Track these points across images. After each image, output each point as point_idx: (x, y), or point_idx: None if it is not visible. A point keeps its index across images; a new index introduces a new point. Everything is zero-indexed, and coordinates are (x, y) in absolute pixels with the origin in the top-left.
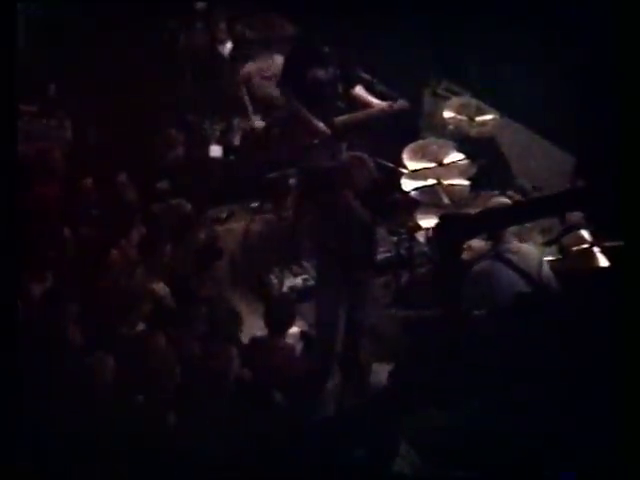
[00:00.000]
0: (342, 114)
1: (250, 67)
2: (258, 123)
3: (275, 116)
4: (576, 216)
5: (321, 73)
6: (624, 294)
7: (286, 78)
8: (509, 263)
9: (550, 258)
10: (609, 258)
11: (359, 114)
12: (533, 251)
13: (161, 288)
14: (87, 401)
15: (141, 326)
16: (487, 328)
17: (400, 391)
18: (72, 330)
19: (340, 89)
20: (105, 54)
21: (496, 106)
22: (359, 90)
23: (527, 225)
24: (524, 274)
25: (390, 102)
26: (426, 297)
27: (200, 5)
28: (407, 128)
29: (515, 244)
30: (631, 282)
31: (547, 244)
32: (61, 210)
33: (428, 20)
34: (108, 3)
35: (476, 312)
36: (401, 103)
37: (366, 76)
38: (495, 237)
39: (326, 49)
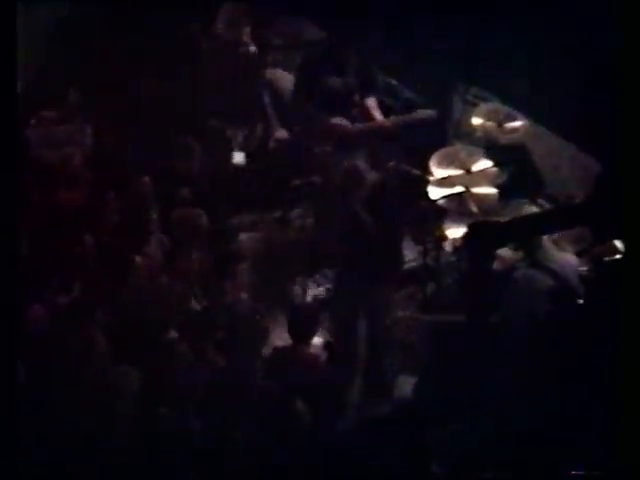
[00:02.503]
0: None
1: (274, 73)
2: (280, 133)
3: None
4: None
5: (337, 82)
6: None
7: (300, 86)
8: (549, 271)
9: (584, 268)
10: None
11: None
12: (571, 260)
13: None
14: (109, 414)
15: (172, 334)
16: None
17: (425, 405)
18: (98, 340)
19: (358, 98)
20: (125, 59)
21: (526, 112)
22: (370, 102)
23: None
24: (563, 283)
25: (384, 120)
26: (452, 308)
27: (225, 9)
28: (435, 134)
29: (554, 252)
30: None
31: (579, 254)
32: (83, 217)
33: (458, 25)
34: (128, 6)
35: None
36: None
37: (393, 81)
38: (532, 245)
39: (344, 56)
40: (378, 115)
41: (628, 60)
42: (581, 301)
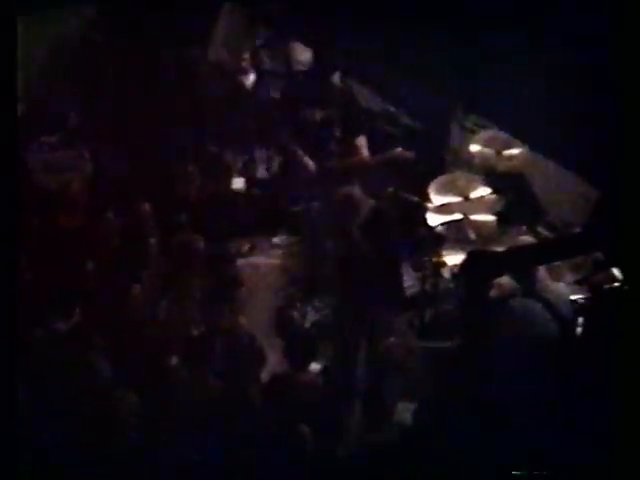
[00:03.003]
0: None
1: None
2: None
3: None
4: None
5: (317, 114)
6: None
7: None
8: (544, 302)
9: (580, 296)
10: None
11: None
12: (565, 291)
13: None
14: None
15: (173, 360)
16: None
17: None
18: (97, 365)
19: (338, 133)
20: (124, 84)
21: (524, 140)
22: (360, 141)
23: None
24: (557, 314)
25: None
26: (450, 334)
27: (222, 33)
28: (433, 162)
29: (549, 283)
30: None
31: (578, 282)
32: (83, 242)
33: (456, 52)
34: (127, 30)
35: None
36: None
37: (391, 109)
38: (528, 274)
39: (328, 86)
40: (365, 153)
41: (628, 90)
42: (578, 330)
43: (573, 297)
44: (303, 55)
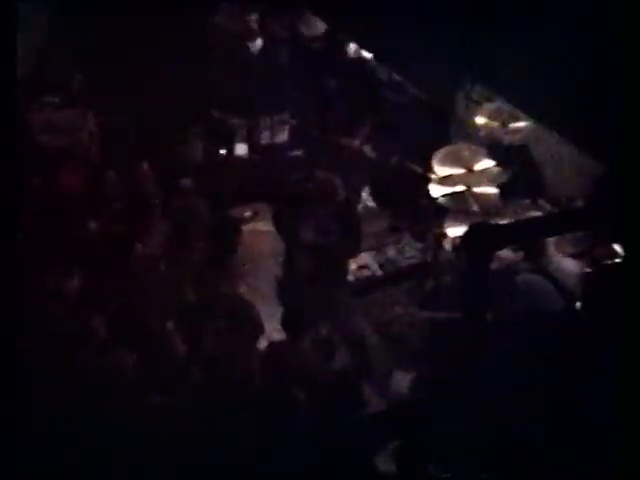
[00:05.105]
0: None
1: None
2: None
3: None
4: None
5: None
6: None
7: None
8: (551, 278)
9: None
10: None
11: None
12: (571, 266)
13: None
14: (103, 399)
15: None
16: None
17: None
18: (96, 325)
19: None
20: (131, 46)
21: (529, 113)
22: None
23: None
24: (562, 289)
25: None
26: (450, 305)
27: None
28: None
29: (556, 259)
30: None
31: (578, 256)
32: (85, 203)
33: (462, 24)
34: None
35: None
36: None
37: (398, 78)
38: (535, 249)
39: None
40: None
41: (630, 62)
42: (580, 305)
43: (578, 271)
44: (311, 22)
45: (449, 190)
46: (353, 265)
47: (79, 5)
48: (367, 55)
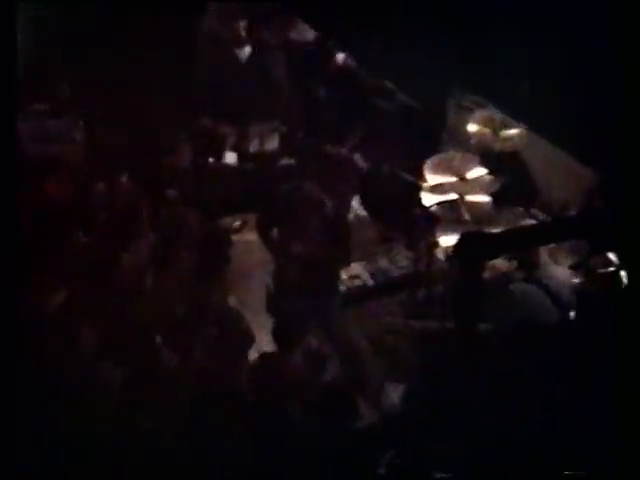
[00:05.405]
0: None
1: None
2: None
3: None
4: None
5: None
6: None
7: None
8: (544, 288)
9: (577, 280)
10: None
11: None
12: (567, 276)
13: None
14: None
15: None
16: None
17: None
18: (84, 337)
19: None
20: (119, 53)
21: (521, 120)
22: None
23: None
24: (557, 299)
25: None
26: (442, 315)
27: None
28: (429, 140)
29: (550, 268)
30: None
31: (575, 267)
32: (73, 214)
33: (453, 30)
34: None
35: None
36: None
37: (390, 85)
38: (529, 259)
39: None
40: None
41: (628, 66)
42: (574, 315)
43: (573, 281)
44: (301, 29)
45: (441, 198)
46: (344, 275)
47: (64, 13)
48: (357, 62)
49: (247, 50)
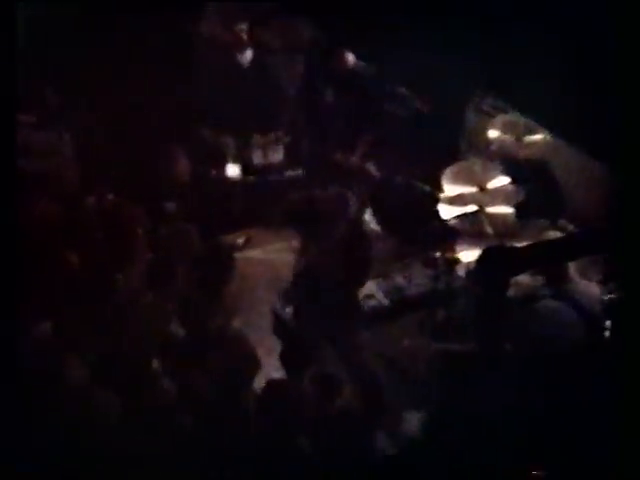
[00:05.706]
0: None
1: None
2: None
3: None
4: None
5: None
6: None
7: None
8: (575, 304)
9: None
10: None
11: None
12: (597, 292)
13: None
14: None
15: (155, 364)
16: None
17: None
18: (76, 364)
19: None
20: (111, 60)
21: (546, 125)
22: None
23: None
24: (587, 317)
25: None
26: (464, 336)
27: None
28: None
29: (580, 284)
30: None
31: (606, 281)
32: (63, 232)
33: (474, 31)
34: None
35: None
36: None
37: (403, 90)
38: (557, 274)
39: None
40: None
41: None
42: (607, 335)
43: (603, 297)
44: (305, 32)
45: (460, 210)
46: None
47: (55, 21)
48: (368, 66)
49: (248, 55)
